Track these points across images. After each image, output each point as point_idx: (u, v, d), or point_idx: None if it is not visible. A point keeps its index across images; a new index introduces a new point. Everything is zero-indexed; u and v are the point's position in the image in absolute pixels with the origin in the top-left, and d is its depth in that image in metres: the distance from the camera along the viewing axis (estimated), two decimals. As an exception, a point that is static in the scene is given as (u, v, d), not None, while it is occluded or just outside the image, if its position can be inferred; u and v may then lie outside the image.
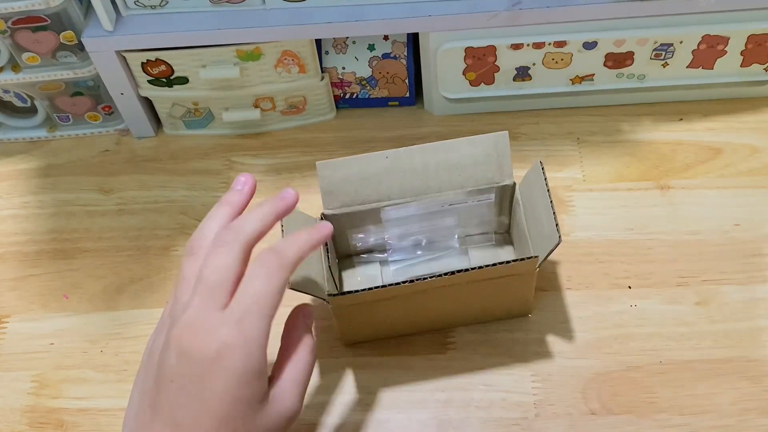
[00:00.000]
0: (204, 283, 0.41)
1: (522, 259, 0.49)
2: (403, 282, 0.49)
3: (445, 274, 0.49)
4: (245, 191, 0.47)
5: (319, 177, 0.54)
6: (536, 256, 0.49)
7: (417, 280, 0.49)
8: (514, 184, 0.56)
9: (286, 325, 0.47)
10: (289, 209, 0.46)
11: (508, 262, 0.49)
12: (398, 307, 0.53)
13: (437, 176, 0.55)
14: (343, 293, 0.49)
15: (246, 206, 0.47)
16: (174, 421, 0.39)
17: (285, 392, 0.42)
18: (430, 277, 0.49)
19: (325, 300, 0.50)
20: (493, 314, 0.57)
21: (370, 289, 0.48)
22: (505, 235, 0.61)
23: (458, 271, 0.49)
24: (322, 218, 0.55)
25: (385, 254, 0.60)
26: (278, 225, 0.50)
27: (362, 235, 0.58)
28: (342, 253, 0.61)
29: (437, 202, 0.56)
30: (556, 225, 0.49)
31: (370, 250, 0.61)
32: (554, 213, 0.50)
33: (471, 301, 0.54)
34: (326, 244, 0.53)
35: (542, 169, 0.53)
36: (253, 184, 0.47)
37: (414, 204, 0.55)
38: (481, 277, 0.50)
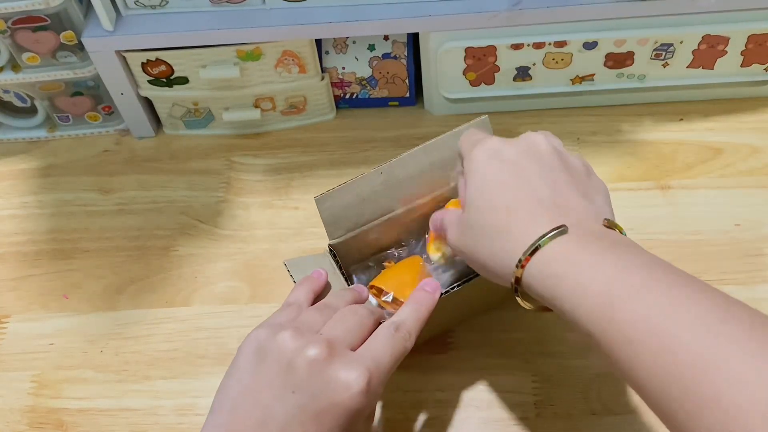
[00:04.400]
0: (343, 321, 0.43)
1: None
2: (443, 293, 0.48)
3: (471, 277, 0.49)
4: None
5: (319, 211, 0.52)
6: None
7: (456, 286, 0.49)
8: None
9: None
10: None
11: None
12: None
13: (432, 176, 0.55)
14: None
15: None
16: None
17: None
18: (468, 281, 0.49)
19: None
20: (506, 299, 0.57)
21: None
22: None
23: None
24: (330, 250, 0.54)
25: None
26: (286, 250, 0.50)
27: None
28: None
29: None
30: None
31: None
32: None
33: (488, 293, 0.54)
34: (343, 273, 0.53)
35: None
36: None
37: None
38: None
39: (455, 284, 0.49)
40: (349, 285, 0.53)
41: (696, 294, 0.33)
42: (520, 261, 0.38)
